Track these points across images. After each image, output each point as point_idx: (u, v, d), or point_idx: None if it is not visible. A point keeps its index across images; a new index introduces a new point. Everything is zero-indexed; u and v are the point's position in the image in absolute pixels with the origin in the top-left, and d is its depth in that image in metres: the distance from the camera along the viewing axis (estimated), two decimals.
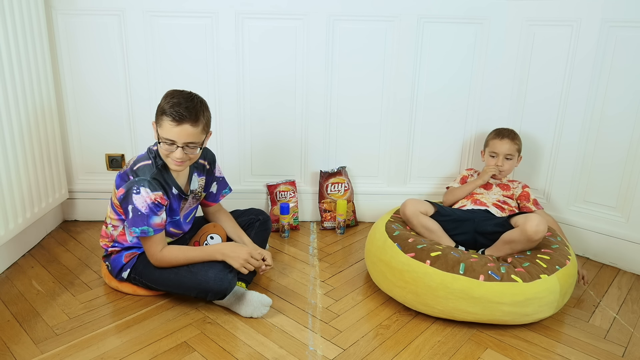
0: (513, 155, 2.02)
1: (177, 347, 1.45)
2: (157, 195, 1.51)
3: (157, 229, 1.55)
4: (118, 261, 1.67)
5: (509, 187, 2.06)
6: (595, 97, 1.96)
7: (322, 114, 2.25)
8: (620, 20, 1.86)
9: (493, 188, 2.06)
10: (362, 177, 2.37)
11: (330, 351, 1.45)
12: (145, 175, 1.52)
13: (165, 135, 1.48)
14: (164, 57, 2.14)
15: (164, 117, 1.47)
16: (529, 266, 1.58)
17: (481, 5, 2.12)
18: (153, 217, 1.52)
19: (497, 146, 2.03)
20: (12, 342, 1.46)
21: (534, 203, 2.01)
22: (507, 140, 2.02)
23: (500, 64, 2.19)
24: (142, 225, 1.52)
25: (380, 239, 1.76)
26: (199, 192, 1.74)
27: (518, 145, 2.04)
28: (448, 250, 1.62)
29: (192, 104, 1.48)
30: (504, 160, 2.02)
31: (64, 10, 2.05)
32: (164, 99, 1.49)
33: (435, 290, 1.54)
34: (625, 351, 1.49)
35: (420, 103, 2.25)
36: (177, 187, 1.61)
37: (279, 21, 2.12)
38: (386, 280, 1.68)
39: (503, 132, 2.05)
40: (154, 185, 1.51)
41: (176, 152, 1.49)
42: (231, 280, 1.56)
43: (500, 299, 1.50)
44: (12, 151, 1.77)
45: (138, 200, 1.50)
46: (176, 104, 1.46)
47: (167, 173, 1.58)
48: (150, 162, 1.56)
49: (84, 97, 2.17)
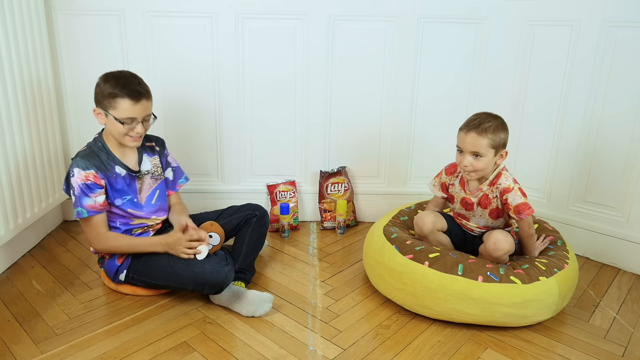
0: (484, 153, 1.58)
1: (177, 347, 1.45)
2: (89, 173, 1.56)
3: (91, 211, 1.57)
4: (112, 264, 1.67)
5: (488, 200, 1.68)
6: (595, 97, 1.96)
7: (322, 113, 2.25)
8: (620, 20, 1.86)
9: (475, 208, 1.71)
10: (362, 177, 2.37)
11: (330, 351, 1.45)
12: (77, 157, 1.58)
13: (124, 115, 1.55)
14: (164, 57, 2.14)
15: (119, 100, 1.53)
16: (527, 268, 1.57)
17: (481, 5, 2.12)
18: (84, 199, 1.56)
19: (460, 139, 1.62)
20: (12, 342, 1.46)
21: (516, 212, 1.62)
22: (473, 134, 1.57)
23: (500, 64, 2.19)
24: (77, 206, 1.56)
25: (378, 242, 1.74)
26: (156, 172, 1.75)
27: (491, 140, 1.57)
28: (446, 252, 1.62)
29: (137, 80, 1.58)
30: (470, 158, 1.60)
31: (64, 10, 2.05)
32: (107, 83, 1.54)
33: (434, 292, 1.54)
34: (625, 351, 1.49)
35: (420, 103, 2.25)
36: (122, 166, 1.64)
37: (279, 21, 2.12)
38: (385, 282, 1.67)
39: (472, 122, 1.60)
40: (84, 164, 1.56)
41: (137, 127, 1.58)
42: (227, 272, 1.57)
43: (499, 300, 1.50)
44: (12, 151, 1.77)
45: (74, 182, 1.56)
46: (127, 84, 1.54)
47: (107, 153, 1.63)
48: (86, 147, 1.63)
49: (84, 97, 2.16)
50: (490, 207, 1.69)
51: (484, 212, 1.71)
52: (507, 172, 1.68)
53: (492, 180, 1.67)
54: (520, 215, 1.62)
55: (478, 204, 1.71)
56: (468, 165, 1.61)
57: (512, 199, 1.62)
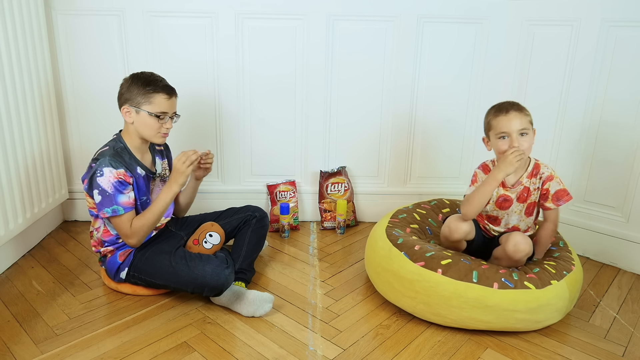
0: (528, 129, 1.60)
1: (177, 347, 1.45)
2: (120, 172, 1.57)
3: (127, 207, 1.59)
4: (114, 262, 1.67)
5: (529, 193, 1.66)
6: (595, 97, 1.96)
7: (322, 113, 2.25)
8: (620, 20, 1.86)
9: (512, 205, 1.68)
10: (362, 177, 2.37)
11: (330, 351, 1.45)
12: (104, 156, 1.58)
13: (158, 109, 1.61)
14: (164, 57, 2.14)
15: (154, 94, 1.60)
16: (539, 272, 1.56)
17: (481, 5, 2.12)
18: (120, 196, 1.57)
19: (503, 124, 1.60)
20: (12, 342, 1.46)
21: (554, 199, 1.64)
22: (515, 113, 1.59)
23: (500, 64, 2.19)
24: (111, 205, 1.56)
25: (384, 247, 1.69)
26: (164, 174, 1.79)
27: (529, 116, 1.62)
28: (458, 258, 1.57)
29: (165, 79, 1.67)
30: (519, 138, 1.59)
31: (64, 10, 2.05)
32: (139, 80, 1.61)
33: (449, 300, 1.50)
34: (626, 351, 1.49)
35: (420, 103, 2.25)
36: (142, 167, 1.67)
37: (279, 21, 2.12)
38: (394, 290, 1.62)
39: (505, 105, 1.62)
40: (114, 163, 1.57)
41: (168, 122, 1.65)
42: (228, 275, 1.57)
43: (515, 306, 1.47)
44: (12, 151, 1.77)
45: (103, 182, 1.55)
46: (159, 81, 1.63)
47: (129, 154, 1.65)
48: (107, 147, 1.63)
49: (84, 97, 2.17)
50: (529, 201, 1.67)
51: (522, 207, 1.68)
52: (543, 163, 1.68)
53: (532, 172, 1.66)
54: (559, 202, 1.64)
55: (517, 198, 1.67)
56: (519, 145, 1.58)
57: (553, 186, 1.64)
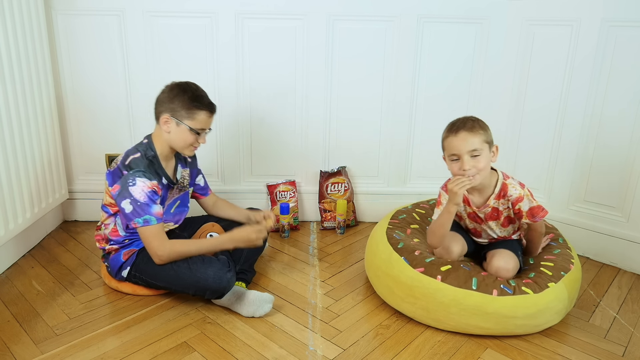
0: (480, 149, 1.50)
1: (177, 347, 1.45)
2: (154, 184, 1.57)
3: (159, 218, 1.58)
4: (117, 260, 1.67)
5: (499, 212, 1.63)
6: (596, 97, 1.96)
7: (322, 113, 2.25)
8: (620, 20, 1.86)
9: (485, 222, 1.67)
10: (362, 177, 2.37)
11: (330, 351, 1.45)
12: (138, 167, 1.58)
13: (199, 126, 1.62)
14: (163, 57, 2.14)
15: (198, 111, 1.61)
16: (534, 276, 1.56)
17: (481, 5, 2.12)
18: (153, 206, 1.56)
19: (453, 145, 1.52)
20: (12, 342, 1.46)
21: (530, 216, 1.60)
22: (464, 134, 1.50)
23: (500, 64, 2.19)
24: (143, 214, 1.55)
25: (385, 251, 1.68)
26: (183, 183, 1.79)
27: (483, 135, 1.51)
28: (457, 264, 1.57)
29: (208, 95, 1.66)
30: (469, 161, 1.51)
31: (64, 10, 2.05)
32: (186, 95, 1.60)
33: (448, 307, 1.50)
34: (626, 351, 1.49)
35: (420, 103, 2.25)
36: (166, 177, 1.67)
37: (279, 21, 2.12)
38: (393, 295, 1.62)
39: (457, 124, 1.54)
40: (149, 174, 1.57)
41: (203, 137, 1.67)
42: (230, 279, 1.57)
43: (514, 313, 1.47)
44: (12, 151, 1.77)
45: (135, 191, 1.54)
46: (204, 97, 1.63)
47: (157, 164, 1.64)
48: (140, 154, 1.61)
49: (84, 97, 2.17)
50: (503, 216, 1.65)
51: (496, 222, 1.67)
52: (512, 180, 1.62)
53: (499, 193, 1.60)
54: (535, 219, 1.60)
55: (488, 217, 1.66)
56: (471, 168, 1.51)
57: (524, 206, 1.59)
